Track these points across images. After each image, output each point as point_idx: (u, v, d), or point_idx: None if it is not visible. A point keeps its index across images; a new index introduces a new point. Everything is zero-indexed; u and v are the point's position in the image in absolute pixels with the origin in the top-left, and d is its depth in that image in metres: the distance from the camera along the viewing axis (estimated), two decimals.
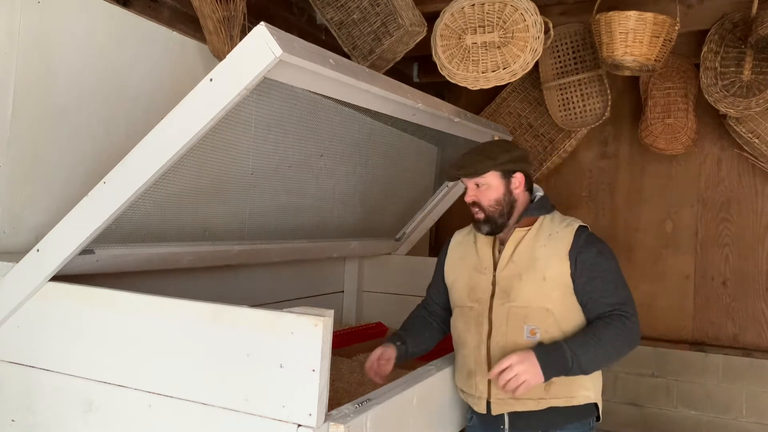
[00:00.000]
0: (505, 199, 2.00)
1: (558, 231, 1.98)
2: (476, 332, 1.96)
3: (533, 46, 2.62)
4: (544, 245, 1.96)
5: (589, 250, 1.94)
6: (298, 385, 1.35)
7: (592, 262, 1.92)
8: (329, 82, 1.63)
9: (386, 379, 1.98)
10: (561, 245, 1.94)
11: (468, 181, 2.03)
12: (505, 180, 2.01)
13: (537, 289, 1.91)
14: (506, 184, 2.01)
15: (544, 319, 1.89)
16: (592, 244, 1.96)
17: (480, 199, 2.00)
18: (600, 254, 1.94)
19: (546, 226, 2.01)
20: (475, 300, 2.00)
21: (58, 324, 1.64)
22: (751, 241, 3.62)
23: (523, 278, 1.93)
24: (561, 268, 1.92)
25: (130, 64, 2.24)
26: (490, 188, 2.00)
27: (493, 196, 2.00)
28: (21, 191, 1.94)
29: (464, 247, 2.14)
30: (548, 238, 1.97)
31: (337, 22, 3.03)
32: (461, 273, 2.09)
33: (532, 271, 1.93)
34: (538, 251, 1.96)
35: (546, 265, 1.93)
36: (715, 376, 3.54)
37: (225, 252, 2.18)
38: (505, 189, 2.01)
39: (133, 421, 1.54)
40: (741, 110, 3.00)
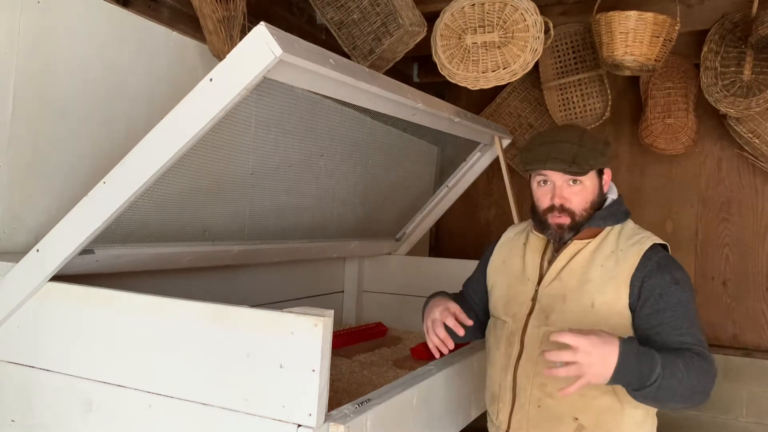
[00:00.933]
0: (597, 201, 1.68)
1: (623, 249, 1.63)
2: (505, 353, 1.70)
3: (533, 45, 2.62)
4: (602, 265, 1.62)
5: (662, 276, 1.57)
6: (298, 385, 1.35)
7: (663, 291, 1.55)
8: (329, 82, 1.63)
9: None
10: (623, 267, 1.60)
11: (560, 176, 1.64)
12: (599, 179, 1.68)
13: (581, 316, 1.59)
14: (599, 183, 1.68)
15: None
16: (665, 269, 1.58)
17: (573, 201, 1.64)
18: (675, 283, 1.57)
19: (611, 240, 1.66)
20: (511, 315, 1.71)
21: (58, 324, 1.64)
22: (751, 241, 3.63)
23: (567, 300, 1.62)
24: (617, 296, 1.58)
25: (129, 64, 2.24)
26: (586, 189, 1.65)
27: (589, 197, 1.66)
28: (21, 191, 1.94)
29: (511, 249, 1.82)
30: (609, 256, 1.63)
31: (337, 22, 3.03)
32: (501, 279, 1.79)
33: (580, 294, 1.60)
34: (592, 271, 1.62)
35: (598, 290, 1.59)
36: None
37: (225, 252, 2.18)
38: (599, 190, 1.68)
39: (133, 421, 1.54)
40: (741, 110, 3.00)
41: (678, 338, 1.53)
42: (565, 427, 1.60)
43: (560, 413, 1.62)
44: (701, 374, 1.48)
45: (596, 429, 1.59)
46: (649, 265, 1.59)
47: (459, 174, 3.07)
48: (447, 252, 4.24)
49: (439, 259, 3.46)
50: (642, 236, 1.67)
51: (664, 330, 1.54)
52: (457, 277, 2.11)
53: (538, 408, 1.64)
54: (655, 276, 1.57)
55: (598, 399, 1.59)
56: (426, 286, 2.27)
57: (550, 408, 1.63)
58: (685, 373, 1.44)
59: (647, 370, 1.41)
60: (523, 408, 1.66)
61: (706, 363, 1.50)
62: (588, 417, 1.60)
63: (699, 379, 1.47)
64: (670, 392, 1.43)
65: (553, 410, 1.62)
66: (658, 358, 1.42)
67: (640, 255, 1.61)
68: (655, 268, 1.58)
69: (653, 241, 1.65)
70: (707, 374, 1.49)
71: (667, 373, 1.42)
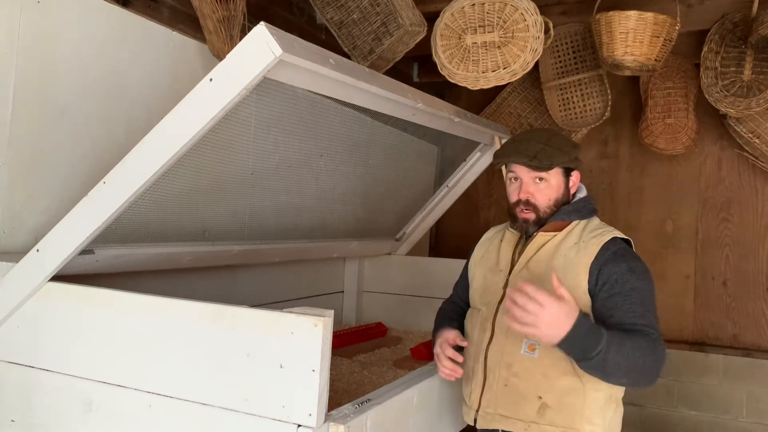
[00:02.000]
0: (562, 199, 1.81)
1: (585, 240, 1.75)
2: (478, 338, 1.82)
3: (533, 45, 2.62)
4: (565, 255, 1.74)
5: (617, 264, 1.68)
6: (298, 385, 1.35)
7: (618, 277, 1.66)
8: (329, 82, 1.63)
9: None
10: (583, 256, 1.71)
11: (527, 173, 1.78)
12: (565, 178, 1.81)
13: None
14: (566, 183, 1.82)
15: None
16: (622, 258, 1.70)
17: (537, 197, 1.78)
18: (631, 271, 1.68)
19: (575, 234, 1.78)
20: (485, 303, 1.84)
21: (58, 324, 1.64)
22: (751, 241, 3.63)
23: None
24: (576, 282, 1.68)
25: (129, 64, 2.24)
26: (551, 186, 1.78)
27: (554, 195, 1.79)
28: (21, 191, 1.94)
29: (489, 244, 1.96)
30: (572, 247, 1.75)
31: (337, 22, 3.03)
32: (479, 272, 1.93)
33: (543, 281, 1.69)
34: (556, 261, 1.74)
35: (561, 276, 1.66)
36: (715, 376, 3.54)
37: (225, 252, 2.18)
38: (565, 188, 1.81)
39: (133, 421, 1.54)
40: (741, 110, 3.00)
41: (631, 320, 1.62)
42: (530, 406, 1.70)
43: (525, 392, 1.72)
44: (647, 354, 1.56)
45: (559, 408, 1.68)
46: (606, 255, 1.71)
47: (459, 174, 3.07)
48: (447, 252, 4.24)
49: (439, 259, 3.46)
50: (604, 230, 1.79)
51: (618, 313, 1.64)
52: (456, 277, 2.11)
53: (505, 387, 1.75)
54: (611, 264, 1.69)
55: (561, 379, 1.69)
56: (426, 286, 2.27)
57: (516, 387, 1.73)
58: (630, 352, 1.54)
59: (593, 344, 1.52)
60: (492, 388, 1.77)
61: (655, 345, 1.59)
62: (551, 396, 1.70)
63: (645, 359, 1.56)
64: (615, 367, 1.54)
65: (519, 389, 1.73)
66: (605, 335, 1.53)
67: (600, 246, 1.73)
68: (611, 257, 1.70)
69: (614, 235, 1.77)
70: (653, 355, 1.57)
71: (612, 349, 1.52)
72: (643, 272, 1.70)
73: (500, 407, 1.74)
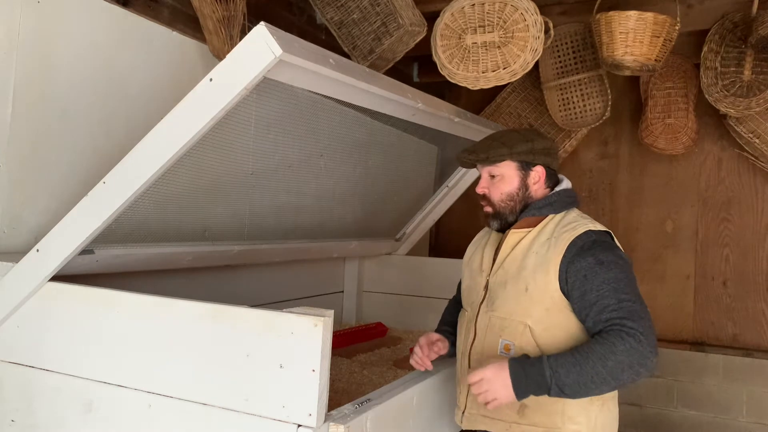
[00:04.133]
0: (519, 194, 1.80)
1: (556, 236, 1.71)
2: (464, 339, 1.83)
3: (533, 45, 2.62)
4: (537, 252, 1.71)
5: (584, 259, 1.64)
6: (298, 385, 1.35)
7: (587, 272, 1.63)
8: (329, 82, 1.63)
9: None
10: (552, 254, 1.68)
11: (482, 170, 1.84)
12: (521, 172, 1.80)
13: (517, 300, 1.70)
14: (522, 177, 1.80)
15: (521, 335, 1.68)
16: (589, 252, 1.65)
17: (491, 191, 1.82)
18: (599, 264, 1.63)
19: (549, 229, 1.75)
20: (470, 304, 1.85)
21: (58, 324, 1.64)
22: (751, 241, 3.62)
23: (507, 287, 1.73)
24: (546, 280, 1.67)
25: (130, 64, 2.24)
26: (504, 180, 1.80)
27: (506, 189, 1.80)
28: (21, 191, 1.94)
29: (477, 245, 1.97)
30: (544, 243, 1.72)
31: (337, 22, 3.03)
32: (467, 273, 1.94)
33: (517, 280, 1.71)
34: (528, 258, 1.72)
35: (531, 275, 1.69)
36: (715, 376, 3.54)
37: (225, 252, 2.18)
38: (521, 183, 1.80)
39: (133, 421, 1.54)
40: (741, 110, 3.00)
41: (603, 315, 1.59)
42: (510, 406, 1.67)
43: None
44: (607, 355, 1.52)
45: (538, 408, 1.66)
46: (573, 250, 1.67)
47: (459, 174, 3.07)
48: (447, 252, 4.24)
49: (439, 259, 3.46)
50: (577, 224, 1.73)
51: (592, 311, 1.61)
52: (456, 277, 2.11)
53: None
54: (578, 260, 1.65)
55: None
56: (426, 286, 2.27)
57: None
58: (583, 364, 1.52)
59: (539, 376, 1.54)
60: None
61: (623, 339, 1.53)
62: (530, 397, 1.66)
63: (604, 361, 1.52)
64: (577, 383, 1.53)
65: None
66: (545, 363, 1.54)
67: (569, 241, 1.69)
68: (578, 252, 1.66)
69: (587, 228, 1.71)
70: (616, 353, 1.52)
71: (561, 371, 1.52)
72: (612, 262, 1.65)
73: (482, 408, 1.73)
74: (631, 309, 1.58)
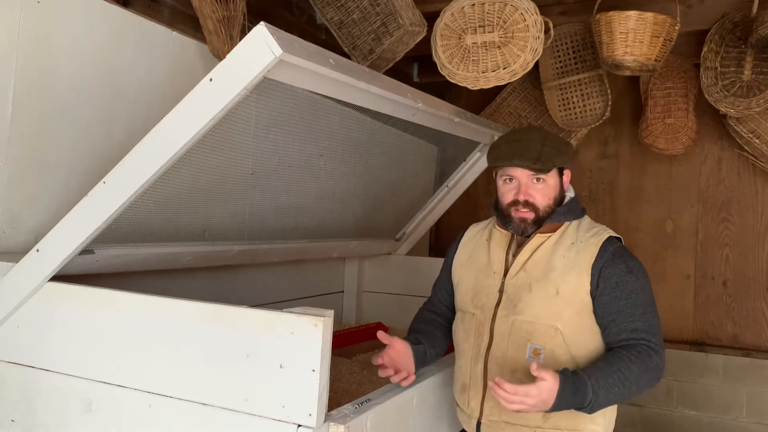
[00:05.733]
0: (557, 199, 1.79)
1: (582, 240, 1.74)
2: (475, 343, 1.78)
3: (533, 45, 2.62)
4: (564, 255, 1.72)
5: (616, 265, 1.69)
6: (298, 385, 1.35)
7: (618, 279, 1.67)
8: (329, 82, 1.63)
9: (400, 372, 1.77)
10: (583, 257, 1.70)
11: (525, 174, 1.75)
12: (559, 177, 1.81)
13: (547, 304, 1.69)
14: (560, 182, 1.81)
15: (551, 339, 1.67)
16: (620, 259, 1.70)
17: (536, 197, 1.75)
18: (629, 272, 1.69)
19: (570, 233, 1.77)
20: (479, 306, 1.80)
21: (58, 324, 1.64)
22: (751, 241, 3.63)
23: (533, 290, 1.72)
24: (579, 283, 1.68)
25: (130, 64, 2.24)
26: (548, 186, 1.77)
27: (552, 194, 1.77)
28: (21, 191, 1.94)
29: (475, 244, 1.92)
30: (570, 247, 1.74)
31: (337, 22, 3.03)
32: (468, 274, 1.88)
33: (545, 282, 1.71)
34: (555, 261, 1.72)
35: (561, 278, 1.69)
36: (715, 376, 3.54)
37: (225, 252, 2.18)
38: (560, 188, 1.81)
39: (133, 421, 1.54)
40: (741, 110, 3.00)
41: (630, 324, 1.66)
42: (533, 414, 1.66)
43: None
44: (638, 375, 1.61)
45: (564, 412, 1.65)
46: (606, 255, 1.71)
47: (459, 174, 3.07)
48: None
49: (439, 259, 3.43)
50: (599, 229, 1.80)
51: (619, 317, 1.67)
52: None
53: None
54: (611, 265, 1.70)
55: None
56: (426, 286, 2.26)
57: None
58: (620, 385, 1.59)
59: (582, 397, 1.56)
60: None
61: (647, 359, 1.62)
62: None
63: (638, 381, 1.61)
64: (610, 401, 1.61)
65: None
66: (590, 386, 1.56)
67: (599, 245, 1.73)
68: (611, 258, 1.71)
69: (609, 234, 1.78)
70: (645, 373, 1.62)
71: (602, 392, 1.57)
72: (639, 271, 1.72)
73: (504, 414, 1.70)
74: (652, 323, 1.67)
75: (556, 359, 1.67)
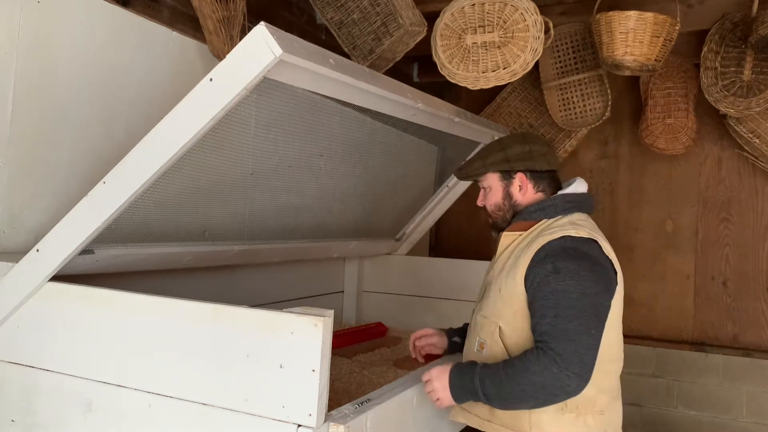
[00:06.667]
0: (505, 203, 1.85)
1: (534, 240, 1.71)
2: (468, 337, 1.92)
3: (533, 45, 2.62)
4: (518, 255, 1.72)
5: (543, 265, 1.62)
6: (298, 385, 1.35)
7: (541, 279, 1.61)
8: (329, 82, 1.63)
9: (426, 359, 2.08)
10: (525, 257, 1.69)
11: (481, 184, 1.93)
12: (504, 182, 1.85)
13: (494, 301, 1.76)
14: (505, 186, 1.85)
15: (492, 335, 1.73)
16: (550, 260, 1.62)
17: (485, 203, 1.91)
18: (554, 272, 1.60)
19: (536, 232, 1.75)
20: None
21: (58, 324, 1.64)
22: (751, 241, 3.62)
23: (491, 287, 1.80)
24: (515, 283, 1.69)
25: (129, 64, 2.24)
26: (492, 191, 1.88)
27: (494, 200, 1.87)
28: (21, 191, 1.94)
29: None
30: (523, 248, 1.73)
31: (337, 22, 3.03)
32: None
33: (496, 281, 1.77)
34: (509, 260, 1.75)
35: (504, 278, 1.73)
36: (715, 376, 3.54)
37: (225, 252, 2.18)
38: (504, 192, 1.85)
39: (133, 421, 1.54)
40: (741, 110, 3.00)
41: (539, 327, 1.59)
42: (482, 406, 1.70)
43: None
44: (520, 373, 1.54)
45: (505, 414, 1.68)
46: (540, 255, 1.65)
47: None
48: (447, 252, 4.24)
49: (439, 259, 3.46)
50: (560, 229, 1.69)
51: (534, 318, 1.62)
52: (456, 277, 2.12)
53: None
54: (538, 266, 1.64)
55: None
56: (426, 286, 2.27)
57: None
58: (504, 378, 1.57)
59: (470, 383, 1.61)
60: None
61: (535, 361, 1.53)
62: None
63: (518, 379, 1.54)
64: (500, 396, 1.58)
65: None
66: (477, 371, 1.61)
67: (540, 246, 1.67)
68: (540, 258, 1.64)
69: (566, 234, 1.67)
70: (529, 372, 1.53)
71: (487, 381, 1.58)
72: (570, 271, 1.59)
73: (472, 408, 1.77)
74: (563, 328, 1.54)
75: (494, 355, 1.71)
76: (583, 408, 1.65)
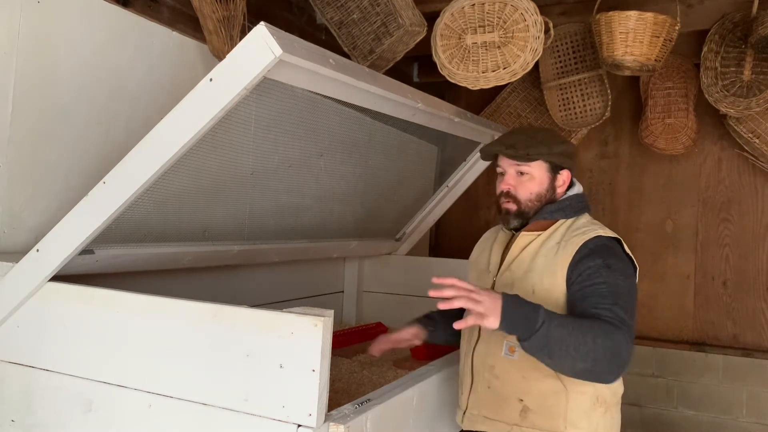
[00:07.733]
0: (546, 196, 1.78)
1: (566, 240, 1.70)
2: (468, 339, 1.84)
3: (533, 45, 2.62)
4: (546, 255, 1.70)
5: (592, 260, 1.61)
6: (298, 385, 1.35)
7: (591, 272, 1.60)
8: (329, 82, 1.63)
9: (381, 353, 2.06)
10: (562, 256, 1.67)
11: (509, 166, 1.79)
12: (551, 174, 1.78)
13: None
14: (551, 179, 1.79)
15: None
16: (598, 255, 1.62)
17: (518, 189, 1.77)
18: (606, 267, 1.60)
19: (559, 233, 1.74)
20: None
21: (58, 324, 1.64)
22: (751, 241, 3.62)
23: (514, 288, 1.70)
24: (553, 283, 1.65)
25: (129, 64, 2.24)
26: (533, 180, 1.77)
27: (536, 189, 1.77)
28: (21, 191, 1.94)
29: (485, 244, 1.95)
30: (553, 247, 1.70)
31: (337, 22, 3.02)
32: (473, 273, 1.93)
33: (524, 282, 1.70)
34: (537, 261, 1.71)
35: (539, 278, 1.68)
36: (715, 376, 3.54)
37: (225, 252, 2.18)
38: (549, 185, 1.78)
39: (133, 421, 1.54)
40: (741, 110, 3.00)
41: (595, 310, 1.53)
42: (511, 409, 1.69)
43: (506, 394, 1.71)
44: (598, 335, 1.45)
45: (540, 411, 1.66)
46: (583, 253, 1.64)
47: (459, 174, 3.07)
48: (447, 252, 4.24)
49: (439, 259, 3.46)
50: (588, 229, 1.72)
51: (583, 304, 1.56)
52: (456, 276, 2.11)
53: (488, 389, 1.75)
54: (586, 259, 1.62)
55: (541, 382, 1.67)
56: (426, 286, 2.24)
57: (498, 389, 1.73)
58: (575, 328, 1.45)
59: (533, 316, 1.44)
60: (477, 390, 1.78)
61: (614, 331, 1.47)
62: (531, 399, 1.68)
63: (596, 339, 1.44)
64: (563, 343, 1.43)
65: (500, 391, 1.73)
66: (543, 310, 1.45)
67: (579, 245, 1.66)
68: (587, 254, 1.63)
69: (598, 233, 1.69)
70: (607, 339, 1.45)
71: (554, 323, 1.44)
72: (620, 269, 1.62)
73: (484, 409, 1.75)
74: (621, 315, 1.52)
75: (530, 358, 1.58)
76: (607, 401, 1.70)
